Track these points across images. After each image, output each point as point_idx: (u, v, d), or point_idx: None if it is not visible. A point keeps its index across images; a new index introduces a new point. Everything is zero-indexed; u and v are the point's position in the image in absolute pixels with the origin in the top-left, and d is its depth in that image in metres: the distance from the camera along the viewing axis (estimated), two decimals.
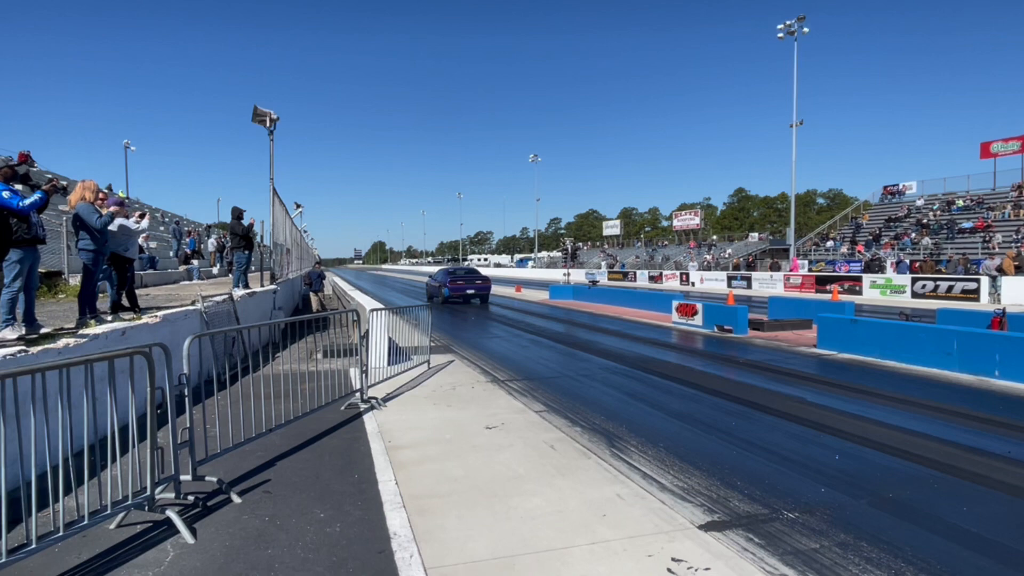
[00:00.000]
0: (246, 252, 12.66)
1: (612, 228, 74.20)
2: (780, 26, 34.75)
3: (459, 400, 7.43)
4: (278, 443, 5.60)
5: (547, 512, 4.09)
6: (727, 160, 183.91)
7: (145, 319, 7.20)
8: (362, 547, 3.60)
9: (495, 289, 33.56)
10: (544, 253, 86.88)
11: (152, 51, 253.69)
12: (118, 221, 7.42)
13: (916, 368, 9.10)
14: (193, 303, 8.97)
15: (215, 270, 23.95)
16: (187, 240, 23.86)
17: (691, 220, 59.74)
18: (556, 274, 49.81)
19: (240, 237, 12.59)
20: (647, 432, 6.07)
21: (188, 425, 4.15)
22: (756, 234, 58.65)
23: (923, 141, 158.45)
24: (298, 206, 24.20)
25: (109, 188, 32.56)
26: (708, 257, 46.16)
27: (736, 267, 39.39)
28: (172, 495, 4.10)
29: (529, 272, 64.32)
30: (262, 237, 14.33)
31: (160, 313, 7.65)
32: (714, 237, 61.85)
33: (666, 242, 65.07)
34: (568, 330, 15.14)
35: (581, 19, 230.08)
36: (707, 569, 3.32)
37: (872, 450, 5.42)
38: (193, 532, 3.76)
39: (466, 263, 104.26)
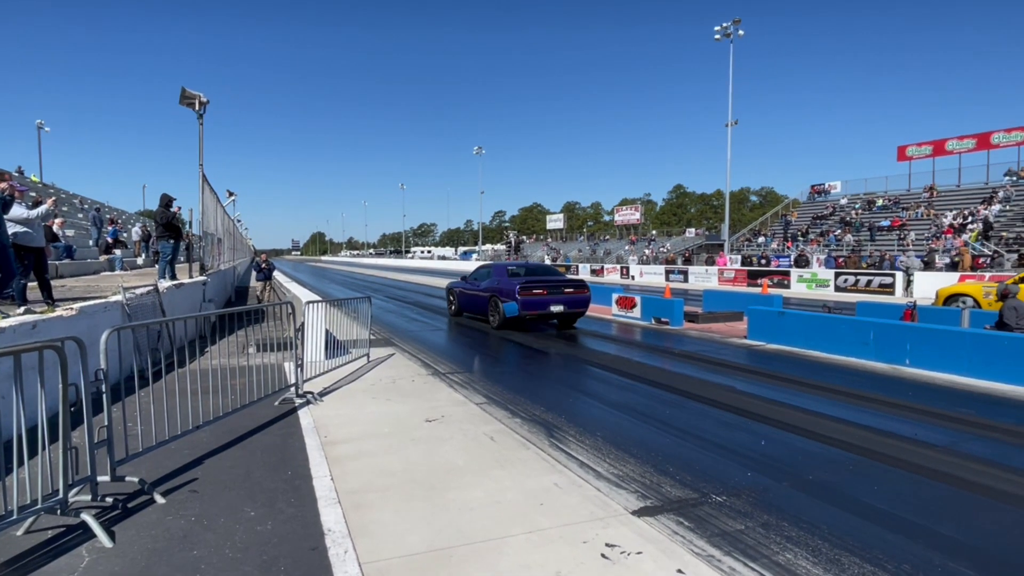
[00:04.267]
0: (172, 241, 12.06)
1: (556, 222, 74.92)
2: (717, 28, 35.96)
3: (399, 393, 7.34)
4: (207, 440, 5.37)
5: (485, 503, 4.10)
6: (667, 157, 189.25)
7: (59, 311, 6.73)
8: (294, 544, 3.51)
9: (433, 283, 33.07)
10: (489, 246, 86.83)
11: (71, 28, 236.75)
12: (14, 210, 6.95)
13: (837, 357, 9.65)
14: (114, 295, 8.47)
15: (140, 260, 22.72)
16: (108, 228, 22.48)
17: (632, 215, 61.05)
18: None
19: (164, 226, 11.97)
20: (585, 422, 6.18)
21: (106, 423, 3.92)
22: (693, 230, 60.68)
23: (848, 141, 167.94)
24: (231, 194, 23.18)
25: (20, 171, 30.28)
26: (647, 251, 47.35)
27: (673, 261, 40.58)
28: (88, 497, 3.87)
29: (473, 265, 63.87)
30: (191, 225, 13.66)
31: (76, 305, 7.18)
32: (653, 232, 63.49)
33: (608, 236, 66.31)
34: None
35: (524, 15, 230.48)
36: (639, 553, 3.42)
37: (795, 435, 5.72)
38: (111, 535, 3.56)
39: (409, 256, 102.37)
